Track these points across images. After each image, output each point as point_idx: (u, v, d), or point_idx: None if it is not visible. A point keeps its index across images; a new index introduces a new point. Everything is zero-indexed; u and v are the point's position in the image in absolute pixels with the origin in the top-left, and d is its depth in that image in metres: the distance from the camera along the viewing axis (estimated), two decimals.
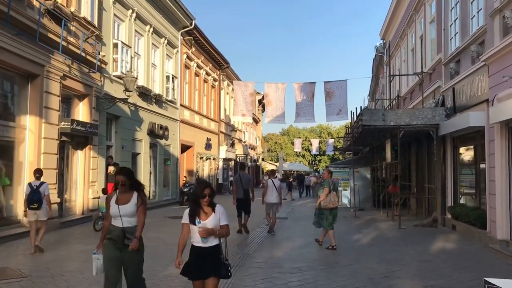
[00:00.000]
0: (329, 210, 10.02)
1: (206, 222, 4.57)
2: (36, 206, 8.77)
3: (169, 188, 21.90)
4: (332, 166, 23.13)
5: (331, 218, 10.04)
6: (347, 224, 14.77)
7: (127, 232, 5.09)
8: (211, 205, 4.64)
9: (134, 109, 17.59)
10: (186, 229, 4.68)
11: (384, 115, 13.74)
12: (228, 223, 4.71)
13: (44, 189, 8.94)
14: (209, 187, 4.69)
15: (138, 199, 5.16)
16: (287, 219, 16.15)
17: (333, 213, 10.11)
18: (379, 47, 28.39)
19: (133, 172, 5.49)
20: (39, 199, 8.80)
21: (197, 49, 25.83)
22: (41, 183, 8.99)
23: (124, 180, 5.12)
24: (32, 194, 8.77)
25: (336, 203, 10.09)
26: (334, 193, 10.10)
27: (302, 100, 23.99)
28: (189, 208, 4.71)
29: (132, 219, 5.13)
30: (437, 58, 14.83)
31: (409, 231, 12.93)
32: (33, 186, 8.84)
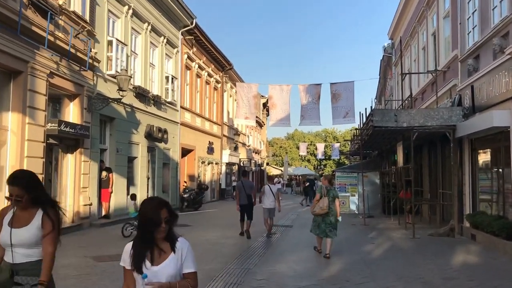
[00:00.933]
0: (321, 217, 9.52)
1: (159, 270, 2.78)
2: None
3: (168, 194, 20.93)
4: (339, 171, 22.12)
5: (324, 225, 9.51)
6: (356, 233, 13.76)
7: (18, 273, 3.29)
8: (170, 238, 2.88)
9: (130, 110, 16.68)
10: (129, 279, 2.84)
11: (396, 116, 12.75)
12: (196, 269, 2.95)
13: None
14: (166, 207, 2.85)
15: (44, 221, 3.36)
16: (292, 227, 15.15)
17: (326, 221, 9.50)
18: (387, 47, 27.45)
19: (36, 179, 3.51)
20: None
21: (198, 49, 24.95)
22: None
23: (20, 194, 3.30)
24: None
25: (324, 209, 9.42)
26: (326, 199, 9.46)
27: (307, 103, 23.13)
28: (133, 243, 2.85)
29: (32, 251, 3.35)
30: (453, 55, 13.84)
31: (424, 241, 11.89)
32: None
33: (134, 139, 17.16)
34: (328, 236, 9.51)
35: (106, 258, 8.94)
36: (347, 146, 71.33)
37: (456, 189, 13.14)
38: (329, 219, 9.52)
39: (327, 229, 9.52)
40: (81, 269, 8.00)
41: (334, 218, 9.59)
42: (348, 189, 21.43)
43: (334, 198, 9.64)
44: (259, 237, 12.40)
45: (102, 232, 12.85)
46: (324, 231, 9.54)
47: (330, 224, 9.53)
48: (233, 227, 14.70)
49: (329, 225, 9.53)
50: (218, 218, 18.03)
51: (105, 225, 14.18)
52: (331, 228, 9.53)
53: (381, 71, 32.48)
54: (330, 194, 9.62)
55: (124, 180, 16.16)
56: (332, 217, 9.56)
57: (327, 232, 9.52)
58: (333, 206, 9.59)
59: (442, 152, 15.57)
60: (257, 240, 11.89)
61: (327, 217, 9.52)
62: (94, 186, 14.25)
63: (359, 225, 15.85)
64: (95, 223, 13.94)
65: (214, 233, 13.03)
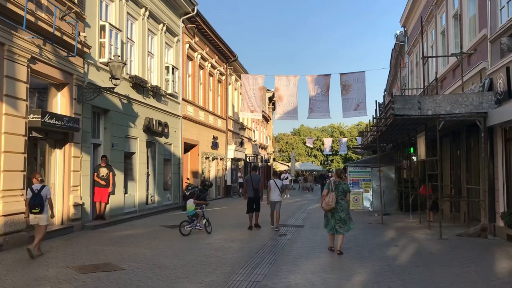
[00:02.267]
0: (330, 213, 9.27)
1: None
2: (38, 210, 8.56)
3: (170, 192, 19.70)
4: (351, 166, 20.77)
5: (333, 221, 9.26)
6: (375, 233, 12.43)
7: None
8: None
9: (126, 102, 15.41)
10: None
11: (420, 103, 11.38)
12: None
13: (46, 193, 8.71)
14: None
15: None
16: (303, 227, 13.83)
17: (335, 217, 9.24)
18: (399, 35, 25.99)
19: None
20: (40, 203, 8.57)
21: (201, 39, 23.64)
22: (42, 186, 8.73)
23: None
24: (34, 198, 8.54)
25: (330, 204, 9.15)
26: (333, 194, 9.19)
27: (316, 94, 21.91)
28: None
29: None
30: (480, 35, 12.43)
31: (454, 243, 10.56)
32: (34, 190, 8.61)
33: (132, 133, 15.90)
34: (338, 232, 9.23)
35: (91, 269, 7.68)
36: (354, 141, 70.45)
37: (486, 184, 11.76)
38: (339, 215, 9.21)
39: (336, 225, 9.23)
40: (55, 283, 6.73)
41: (345, 214, 9.23)
42: (361, 185, 20.12)
43: (344, 192, 9.29)
44: (268, 240, 11.13)
45: (95, 235, 11.61)
46: (334, 227, 9.26)
47: (340, 220, 9.21)
48: (239, 227, 13.44)
49: (338, 221, 9.22)
50: (223, 217, 16.76)
51: (99, 227, 12.96)
52: (341, 224, 9.21)
53: (392, 61, 30.99)
54: (339, 188, 9.27)
55: (121, 177, 14.92)
56: (342, 212, 9.21)
57: (337, 228, 9.23)
58: (343, 201, 9.25)
59: (468, 143, 14.19)
60: (266, 243, 10.59)
61: (336, 213, 9.21)
62: (87, 184, 13.02)
63: (376, 224, 14.54)
64: (87, 225, 12.71)
65: (218, 236, 11.76)
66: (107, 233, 12.05)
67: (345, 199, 9.26)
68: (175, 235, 11.75)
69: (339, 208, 9.20)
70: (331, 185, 9.32)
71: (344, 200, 9.26)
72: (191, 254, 9.14)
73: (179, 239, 11.19)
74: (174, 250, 9.61)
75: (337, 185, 9.30)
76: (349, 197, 9.42)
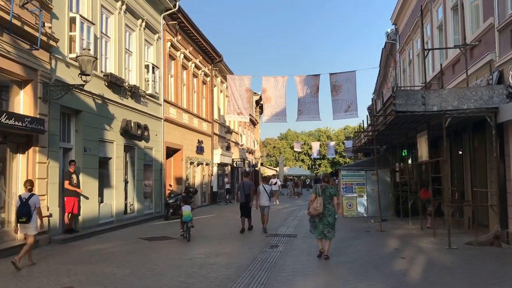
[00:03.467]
0: (318, 218, 9.06)
1: None
2: (24, 219, 8.28)
3: (151, 200, 18.37)
4: (344, 169, 19.67)
5: (321, 226, 9.05)
6: (376, 243, 11.29)
7: None
8: None
9: (101, 102, 14.11)
10: None
11: (424, 98, 10.29)
12: None
13: (35, 202, 8.44)
14: None
15: None
16: (296, 236, 12.62)
17: (324, 221, 9.04)
18: (391, 33, 25.08)
19: None
20: (28, 212, 8.29)
21: (184, 37, 22.40)
22: (31, 195, 8.47)
23: None
24: (21, 207, 8.29)
25: (317, 209, 8.96)
26: (320, 199, 9.00)
27: (305, 96, 20.92)
28: None
29: None
30: (486, 24, 11.41)
31: (466, 253, 9.46)
32: (23, 199, 8.38)
33: (107, 136, 14.58)
34: (326, 237, 9.07)
35: None
36: (341, 145, 69.75)
37: (496, 186, 10.71)
38: (327, 220, 9.04)
39: (325, 230, 9.04)
40: None
41: (332, 218, 9.09)
42: (355, 189, 19.02)
43: (331, 196, 9.13)
44: (258, 253, 9.90)
45: (62, 251, 10.27)
46: (322, 232, 9.07)
47: (328, 225, 9.04)
48: (226, 238, 12.21)
49: (327, 226, 9.04)
50: (208, 227, 15.50)
51: (69, 240, 11.62)
52: (329, 228, 9.05)
53: (382, 61, 30.07)
54: (326, 192, 9.12)
55: (95, 185, 13.58)
56: (330, 217, 9.06)
57: (325, 233, 9.05)
58: (331, 205, 9.09)
59: (471, 142, 13.18)
60: (256, 257, 9.36)
61: (324, 218, 9.03)
62: (55, 193, 11.66)
63: (375, 232, 13.42)
64: (56, 238, 11.37)
65: (202, 249, 10.49)
66: (77, 248, 10.72)
67: (332, 203, 9.11)
68: (152, 249, 10.47)
69: (326, 212, 9.03)
70: (318, 190, 9.17)
71: (331, 205, 9.10)
72: (169, 273, 7.87)
73: (156, 254, 9.90)
74: (150, 268, 8.33)
75: (324, 189, 9.15)
76: (337, 201, 9.24)
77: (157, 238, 12.20)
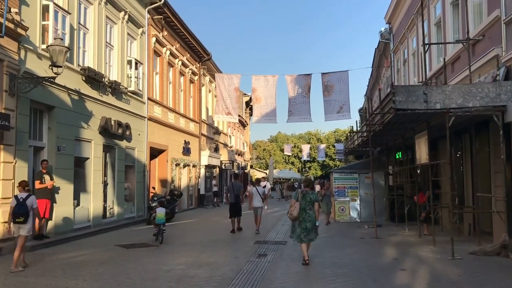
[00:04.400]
0: (298, 222, 9.11)
1: None
2: (22, 219, 8.15)
3: (133, 203, 17.36)
4: (337, 172, 18.84)
5: (299, 230, 9.08)
6: (372, 251, 10.44)
7: None
8: None
9: (77, 98, 13.11)
10: None
11: (426, 95, 9.46)
12: None
13: (32, 202, 8.33)
14: None
15: None
16: (285, 244, 11.72)
17: (302, 226, 9.05)
18: (384, 32, 24.33)
19: None
20: (25, 212, 8.18)
21: (170, 33, 21.46)
22: (28, 195, 8.36)
23: None
24: (18, 207, 8.14)
25: (292, 214, 9.09)
26: (297, 204, 9.06)
27: (296, 96, 20.11)
28: None
29: None
30: (491, 18, 10.62)
31: (472, 265, 8.64)
32: (19, 199, 8.25)
33: (84, 135, 13.59)
34: (302, 241, 9.04)
35: None
36: (331, 148, 69.19)
37: (502, 191, 9.92)
38: (305, 224, 9.04)
39: (301, 234, 9.04)
40: None
41: (311, 224, 9.05)
42: (347, 193, 18.21)
43: (312, 202, 9.11)
44: (245, 262, 8.99)
45: (27, 260, 9.26)
46: (299, 236, 9.07)
47: (305, 229, 9.03)
48: (210, 245, 11.28)
49: (304, 230, 9.03)
50: (193, 232, 14.56)
51: (39, 248, 10.61)
52: (305, 233, 9.02)
53: (375, 61, 29.32)
54: (306, 198, 9.11)
55: (69, 186, 12.57)
56: (309, 223, 9.04)
57: (302, 237, 9.04)
58: (311, 211, 9.07)
59: (473, 143, 12.40)
60: (242, 268, 8.45)
61: (303, 222, 9.06)
62: None
63: (369, 239, 12.59)
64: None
65: (183, 258, 9.55)
66: (44, 256, 9.71)
67: (313, 209, 9.08)
68: (128, 259, 9.50)
69: (307, 217, 9.03)
70: (299, 195, 9.19)
71: (312, 210, 9.07)
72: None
73: (132, 264, 8.93)
74: (122, 282, 7.37)
75: (304, 195, 9.16)
76: (318, 207, 9.19)
77: (136, 245, 11.23)
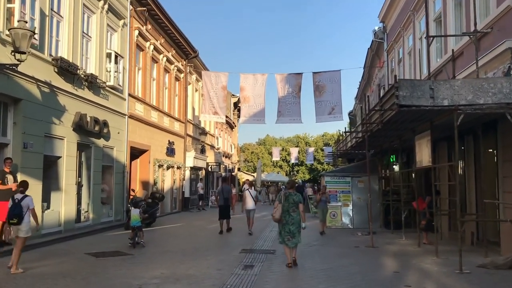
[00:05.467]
0: (281, 224, 9.02)
1: None
2: (15, 221, 7.94)
3: (111, 206, 16.19)
4: (329, 175, 17.89)
5: (283, 233, 8.97)
6: (369, 262, 9.45)
7: None
8: None
9: (48, 91, 11.97)
10: None
11: (433, 90, 8.52)
12: None
13: (28, 203, 8.10)
14: None
15: None
16: (274, 253, 10.67)
17: (285, 229, 8.94)
18: (378, 31, 23.50)
19: None
20: (19, 214, 7.94)
21: (154, 27, 20.35)
22: (23, 196, 8.16)
23: None
24: (12, 208, 8.00)
25: (274, 216, 9.03)
26: (280, 206, 8.95)
27: (286, 96, 19.32)
28: None
29: None
30: (501, 9, 9.73)
31: (483, 280, 7.69)
32: (15, 199, 8.08)
33: (56, 131, 12.43)
34: (287, 245, 8.92)
35: None
36: (320, 152, 68.54)
37: None
38: (289, 227, 8.92)
39: (285, 237, 8.94)
40: None
41: (295, 227, 8.91)
42: (339, 197, 17.26)
43: (296, 203, 8.96)
44: (229, 275, 7.94)
45: None
46: (283, 239, 8.97)
47: (289, 233, 8.91)
48: (191, 255, 10.21)
49: (287, 233, 8.92)
50: (174, 238, 13.45)
51: None
52: (289, 236, 8.90)
53: (367, 62, 28.47)
54: (289, 200, 8.97)
55: (37, 188, 11.39)
56: (293, 225, 8.91)
57: (286, 241, 8.92)
58: (295, 213, 8.94)
59: (477, 145, 11.50)
60: (225, 282, 7.40)
61: (286, 225, 8.93)
62: None
63: (365, 248, 11.62)
64: None
65: (159, 270, 8.45)
66: (0, 266, 8.54)
67: (297, 211, 8.92)
68: (96, 270, 8.39)
69: (290, 220, 8.89)
70: (281, 197, 9.06)
71: (296, 213, 8.91)
72: None
73: (98, 277, 7.81)
74: None
75: (287, 197, 9.00)
76: (302, 208, 9.03)
77: (107, 254, 10.10)
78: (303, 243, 12.43)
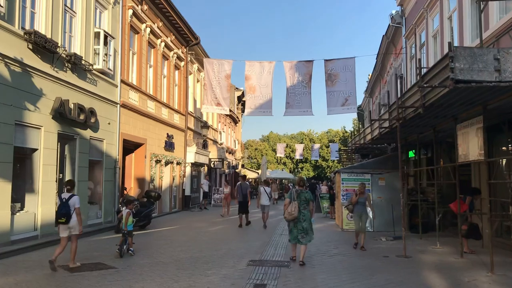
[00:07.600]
0: (293, 223, 8.91)
1: None
2: (64, 220, 7.99)
3: (100, 206, 14.32)
4: (345, 171, 15.95)
5: (296, 231, 8.89)
6: (408, 280, 7.52)
7: None
8: None
9: (20, 71, 10.10)
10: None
11: (499, 60, 6.58)
12: None
13: (74, 202, 8.08)
14: None
15: None
16: (289, 266, 8.75)
17: (298, 227, 8.85)
18: (395, 15, 21.53)
19: None
20: (67, 213, 7.98)
21: (151, 8, 18.45)
22: (71, 195, 8.12)
23: None
24: (60, 207, 8.03)
25: (292, 214, 8.75)
26: (295, 203, 8.77)
27: (295, 85, 17.57)
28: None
29: None
30: None
31: None
32: (63, 199, 8.07)
33: (30, 119, 10.56)
34: (301, 243, 8.84)
35: None
36: (324, 149, 66.83)
37: None
38: (301, 225, 8.84)
39: (299, 235, 8.86)
40: None
41: (307, 223, 8.87)
42: None
43: (307, 201, 8.96)
44: None
45: None
46: (296, 237, 8.90)
47: (302, 230, 8.83)
48: (189, 267, 8.30)
49: (301, 231, 8.84)
50: (170, 245, 11.54)
51: None
52: (303, 234, 8.83)
53: (380, 51, 26.47)
54: (301, 197, 8.95)
55: (5, 186, 9.55)
56: (305, 222, 8.85)
57: (299, 238, 8.86)
58: (306, 210, 8.90)
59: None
60: None
61: (299, 223, 8.85)
62: None
63: (396, 258, 9.72)
64: None
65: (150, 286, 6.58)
66: None
67: (308, 208, 8.96)
68: None
69: (301, 217, 8.88)
70: (293, 194, 9.02)
71: (307, 210, 8.95)
72: None
73: None
74: None
75: (299, 194, 9.01)
76: (312, 206, 9.12)
77: (85, 267, 8.23)
78: (322, 250, 10.58)
